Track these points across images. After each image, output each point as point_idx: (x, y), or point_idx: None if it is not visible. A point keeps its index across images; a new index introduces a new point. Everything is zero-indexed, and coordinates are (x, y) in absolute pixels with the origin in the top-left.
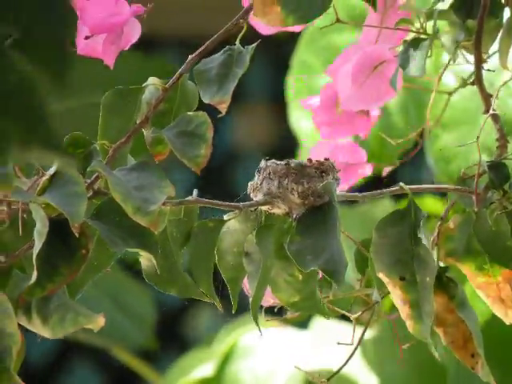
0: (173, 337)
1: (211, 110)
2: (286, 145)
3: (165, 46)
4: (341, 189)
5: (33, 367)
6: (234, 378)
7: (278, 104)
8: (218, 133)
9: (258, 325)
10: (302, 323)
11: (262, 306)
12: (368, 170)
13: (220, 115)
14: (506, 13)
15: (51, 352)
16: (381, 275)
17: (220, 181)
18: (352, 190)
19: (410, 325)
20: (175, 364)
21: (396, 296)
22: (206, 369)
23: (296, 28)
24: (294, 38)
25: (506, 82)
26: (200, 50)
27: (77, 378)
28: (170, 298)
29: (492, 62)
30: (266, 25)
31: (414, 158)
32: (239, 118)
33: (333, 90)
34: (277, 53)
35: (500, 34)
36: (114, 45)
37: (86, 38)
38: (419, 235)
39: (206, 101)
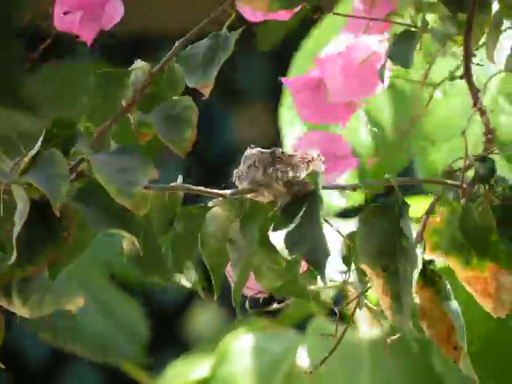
0: (169, 338)
1: (211, 105)
2: None
3: (163, 45)
4: (327, 180)
5: (32, 367)
6: (230, 380)
7: (278, 103)
8: (217, 132)
9: (239, 311)
10: (299, 325)
11: (252, 307)
12: (353, 163)
13: (203, 98)
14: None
15: (50, 351)
16: (364, 266)
17: (219, 180)
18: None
19: (389, 315)
20: (171, 365)
21: (378, 287)
22: (202, 370)
23: (281, 16)
24: (294, 37)
25: (493, 76)
26: (187, 35)
27: (74, 378)
28: (167, 298)
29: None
30: (251, 10)
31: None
32: (239, 118)
33: (316, 75)
34: (277, 52)
35: (488, 28)
36: (92, 22)
37: (65, 13)
38: (402, 226)
39: (190, 85)
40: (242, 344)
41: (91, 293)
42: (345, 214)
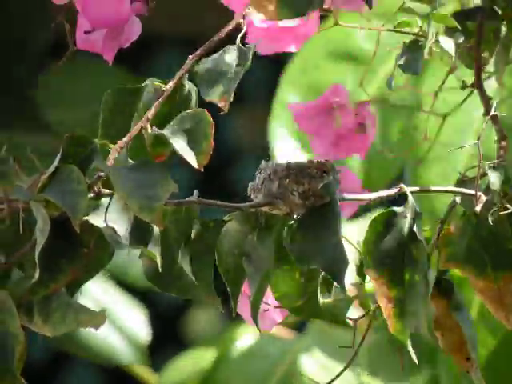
0: (168, 338)
1: (212, 110)
2: None
3: (165, 45)
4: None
5: (32, 367)
6: (230, 380)
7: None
8: (217, 133)
9: (257, 326)
10: (299, 327)
11: None
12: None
13: (221, 113)
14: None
15: (50, 351)
16: (369, 272)
17: (219, 181)
18: None
19: (390, 323)
20: (171, 364)
21: (380, 293)
22: (202, 370)
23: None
24: None
25: (500, 79)
26: (200, 50)
27: (75, 378)
28: (168, 297)
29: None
30: (261, 17)
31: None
32: (239, 119)
33: (325, 99)
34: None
35: (496, 52)
36: (114, 41)
37: (86, 32)
38: (416, 233)
39: (207, 99)
40: (241, 345)
41: (93, 295)
42: None
